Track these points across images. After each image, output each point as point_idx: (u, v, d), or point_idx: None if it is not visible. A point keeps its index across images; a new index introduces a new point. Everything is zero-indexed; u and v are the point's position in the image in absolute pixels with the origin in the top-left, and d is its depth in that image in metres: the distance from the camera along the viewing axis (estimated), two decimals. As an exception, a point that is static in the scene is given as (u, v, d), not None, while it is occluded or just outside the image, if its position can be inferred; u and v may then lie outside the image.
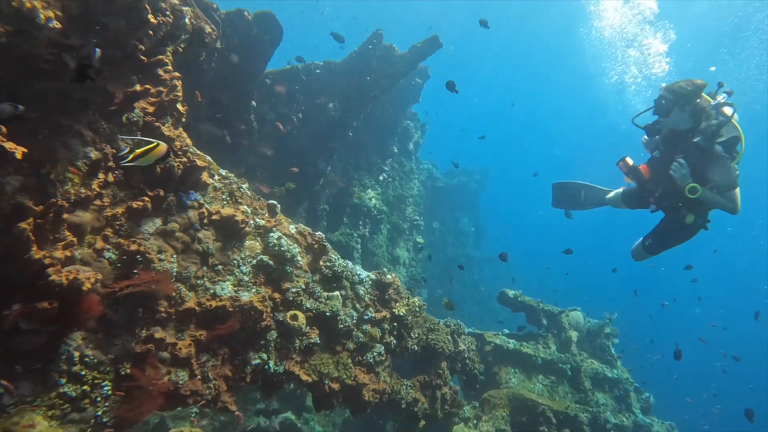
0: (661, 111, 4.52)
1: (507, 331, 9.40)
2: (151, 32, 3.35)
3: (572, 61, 36.92)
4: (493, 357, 8.41)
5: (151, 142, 2.67)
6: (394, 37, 10.15)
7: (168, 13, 3.63)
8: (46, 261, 2.82)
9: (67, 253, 2.99)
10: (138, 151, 2.65)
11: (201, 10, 4.87)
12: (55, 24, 2.58)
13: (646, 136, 5.17)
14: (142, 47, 3.48)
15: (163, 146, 2.69)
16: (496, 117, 44.37)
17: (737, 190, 4.36)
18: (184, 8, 3.95)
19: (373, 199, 13.29)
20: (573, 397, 8.46)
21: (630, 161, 5.17)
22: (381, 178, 14.03)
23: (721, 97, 4.38)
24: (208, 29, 4.48)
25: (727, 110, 4.28)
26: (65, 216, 3.04)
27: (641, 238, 5.34)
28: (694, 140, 4.39)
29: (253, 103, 8.43)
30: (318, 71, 9.99)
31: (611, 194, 5.77)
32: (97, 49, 2.68)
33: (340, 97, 10.02)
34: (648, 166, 5.02)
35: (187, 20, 3.93)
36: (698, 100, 4.39)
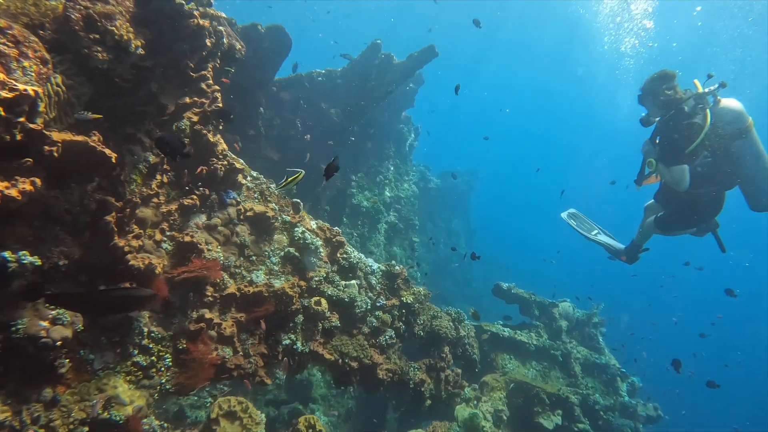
0: (643, 102, 4.97)
1: (501, 322, 10.01)
2: (204, 53, 3.89)
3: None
4: (490, 344, 9.02)
5: (297, 172, 3.34)
6: (387, 36, 10.72)
7: (213, 34, 4.18)
8: (126, 248, 3.34)
9: (139, 243, 3.51)
10: (290, 179, 3.31)
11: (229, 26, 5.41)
12: (140, 51, 3.12)
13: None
14: (192, 65, 4.02)
15: (302, 173, 3.37)
16: (489, 118, 45.24)
17: (681, 168, 4.54)
18: (221, 29, 4.49)
19: (371, 200, 13.84)
20: (564, 381, 9.10)
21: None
22: (378, 179, 14.60)
23: (711, 88, 4.55)
24: (237, 46, 5.02)
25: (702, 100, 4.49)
26: (136, 211, 3.56)
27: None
28: (663, 117, 4.73)
29: (261, 109, 8.97)
30: (320, 79, 10.54)
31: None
32: None
33: (340, 103, 10.59)
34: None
35: (224, 40, 4.47)
36: (667, 91, 4.64)
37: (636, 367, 12.12)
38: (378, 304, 5.88)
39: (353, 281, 5.56)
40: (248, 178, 4.90)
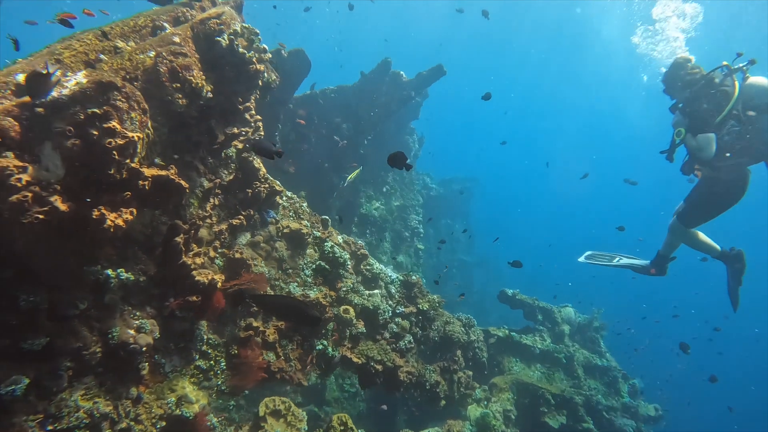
0: (669, 90, 5.31)
1: (507, 327, 10.51)
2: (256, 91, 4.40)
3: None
4: (497, 348, 9.50)
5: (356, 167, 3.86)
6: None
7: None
8: (192, 265, 3.83)
9: (201, 260, 4.00)
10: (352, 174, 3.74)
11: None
12: (210, 94, 3.61)
13: None
14: (240, 99, 4.52)
15: (361, 168, 3.83)
16: (490, 125, 45.85)
17: (708, 136, 4.73)
18: (261, 65, 4.99)
19: (379, 210, 14.34)
20: (568, 383, 9.58)
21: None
22: (384, 189, 15.12)
23: (740, 65, 4.80)
24: (273, 77, 5.52)
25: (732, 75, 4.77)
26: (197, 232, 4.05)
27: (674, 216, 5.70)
28: (686, 96, 5.00)
29: (279, 125, 9.47)
30: (333, 95, 11.06)
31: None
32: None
33: (352, 118, 11.11)
34: None
35: (266, 74, 4.97)
36: (692, 70, 5.03)
37: (637, 358, 12.66)
38: (398, 311, 6.37)
39: (376, 291, 6.05)
40: (284, 198, 5.39)
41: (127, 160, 2.99)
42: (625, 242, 11.13)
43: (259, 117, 4.91)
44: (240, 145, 4.79)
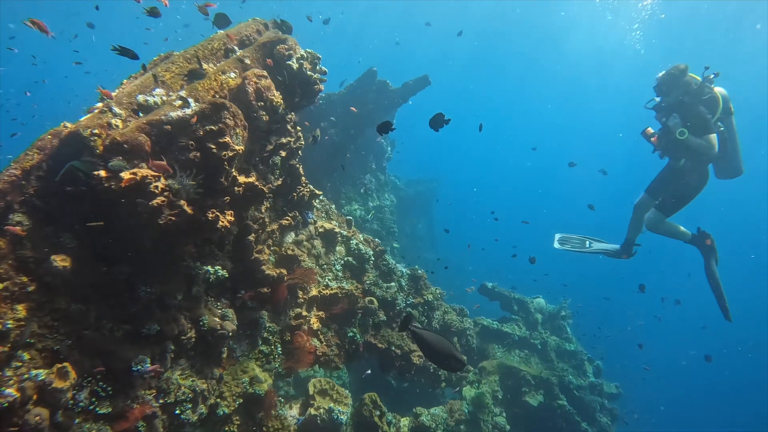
0: (662, 92, 5.85)
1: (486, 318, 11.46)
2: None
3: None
4: (481, 336, 10.40)
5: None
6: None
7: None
8: (263, 260, 4.34)
9: (267, 256, 4.51)
10: None
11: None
12: (282, 110, 4.15)
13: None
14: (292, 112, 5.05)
15: None
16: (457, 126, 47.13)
17: (713, 135, 5.40)
18: (322, 85, 5.50)
19: (358, 210, 14.94)
20: (543, 366, 10.63)
21: (651, 130, 6.25)
22: (362, 191, 15.74)
23: (709, 76, 5.59)
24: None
25: (709, 84, 5.55)
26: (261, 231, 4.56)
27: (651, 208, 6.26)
28: (681, 98, 5.58)
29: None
30: (321, 102, 11.57)
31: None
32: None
33: (339, 124, 11.66)
34: (657, 137, 6.17)
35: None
36: (685, 78, 5.66)
37: (598, 341, 13.96)
38: (408, 302, 7.06)
39: (393, 283, 6.70)
40: (317, 201, 5.94)
41: (233, 170, 3.50)
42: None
43: (299, 128, 5.44)
44: (284, 153, 5.30)
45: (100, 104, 3.45)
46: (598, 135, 47.79)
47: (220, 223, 3.43)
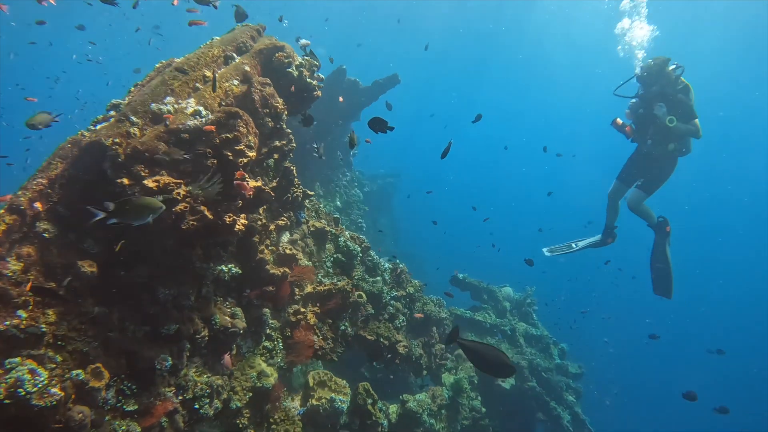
0: (646, 82, 6.22)
1: (459, 308, 11.98)
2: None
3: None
4: (456, 324, 10.90)
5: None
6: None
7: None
8: (267, 260, 4.54)
9: (269, 256, 4.70)
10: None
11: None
12: (285, 116, 4.34)
13: (628, 109, 6.68)
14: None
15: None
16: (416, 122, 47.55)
17: (697, 120, 5.94)
18: (320, 92, 5.67)
19: (329, 207, 15.12)
20: (513, 350, 11.28)
21: (620, 121, 6.67)
22: (331, 187, 15.93)
23: (674, 67, 6.10)
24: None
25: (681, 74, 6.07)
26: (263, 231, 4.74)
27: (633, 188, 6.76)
28: (665, 89, 6.04)
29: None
30: (293, 99, 11.63)
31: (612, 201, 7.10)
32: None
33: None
34: (631, 126, 6.63)
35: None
36: (667, 70, 6.09)
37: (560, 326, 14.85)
38: (392, 295, 7.38)
39: (378, 277, 7.00)
40: (307, 201, 6.14)
41: (247, 175, 3.68)
42: (576, 228, 12.94)
43: (289, 130, 5.61)
44: (276, 156, 5.47)
45: (113, 113, 3.54)
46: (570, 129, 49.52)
47: (237, 226, 3.61)
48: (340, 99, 10.45)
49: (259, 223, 4.75)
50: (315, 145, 11.14)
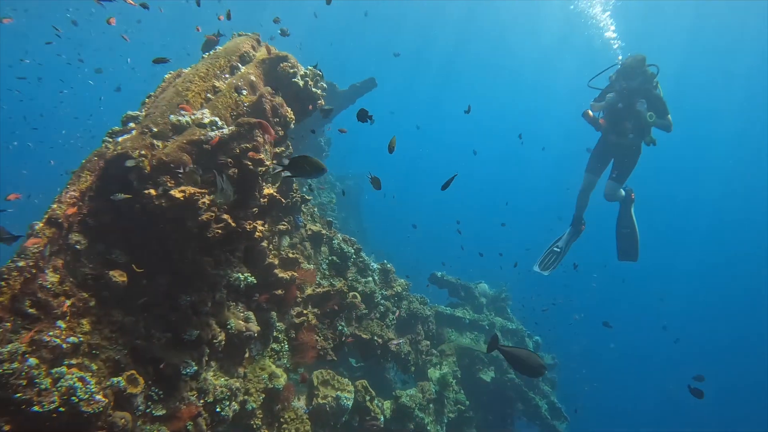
0: (625, 77, 6.52)
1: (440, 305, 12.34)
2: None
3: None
4: (438, 321, 11.24)
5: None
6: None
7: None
8: (276, 264, 4.67)
9: (276, 260, 4.84)
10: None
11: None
12: (293, 125, 4.48)
13: (594, 101, 7.03)
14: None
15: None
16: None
17: (669, 116, 6.40)
18: (324, 101, 5.79)
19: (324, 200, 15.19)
20: (491, 344, 11.74)
21: (591, 113, 6.97)
22: (304, 189, 15.96)
23: (650, 65, 6.47)
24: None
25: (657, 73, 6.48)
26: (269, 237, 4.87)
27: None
28: (644, 85, 6.41)
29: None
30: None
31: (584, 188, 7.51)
32: None
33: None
34: (605, 118, 6.94)
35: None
36: (645, 67, 6.46)
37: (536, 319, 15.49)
38: (382, 294, 7.61)
39: (369, 278, 7.22)
40: (302, 206, 6.27)
41: (264, 183, 3.82)
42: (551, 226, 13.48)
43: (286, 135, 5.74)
44: (274, 161, 5.59)
45: (132, 124, 3.60)
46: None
47: (257, 233, 3.75)
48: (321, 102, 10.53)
49: (266, 228, 4.87)
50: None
